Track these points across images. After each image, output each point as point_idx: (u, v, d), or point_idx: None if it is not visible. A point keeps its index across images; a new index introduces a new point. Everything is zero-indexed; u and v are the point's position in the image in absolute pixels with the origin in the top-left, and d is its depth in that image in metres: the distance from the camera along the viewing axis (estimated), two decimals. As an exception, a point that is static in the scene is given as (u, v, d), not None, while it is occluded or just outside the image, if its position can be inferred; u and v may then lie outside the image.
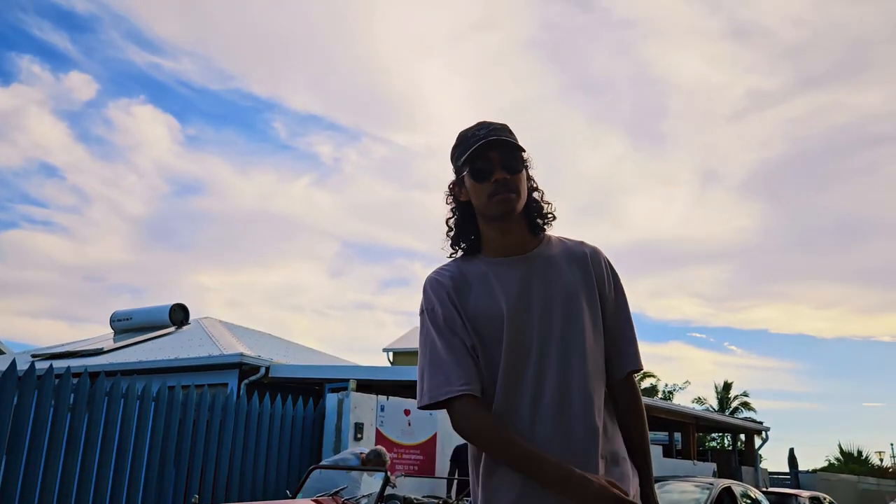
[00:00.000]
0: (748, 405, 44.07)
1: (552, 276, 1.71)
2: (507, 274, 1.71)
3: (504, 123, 1.79)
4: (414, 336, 29.20)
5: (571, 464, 1.51)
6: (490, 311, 1.66)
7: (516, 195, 1.69)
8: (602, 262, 1.80)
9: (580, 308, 1.69)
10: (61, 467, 6.66)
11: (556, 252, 1.77)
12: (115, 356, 13.88)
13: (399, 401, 9.38)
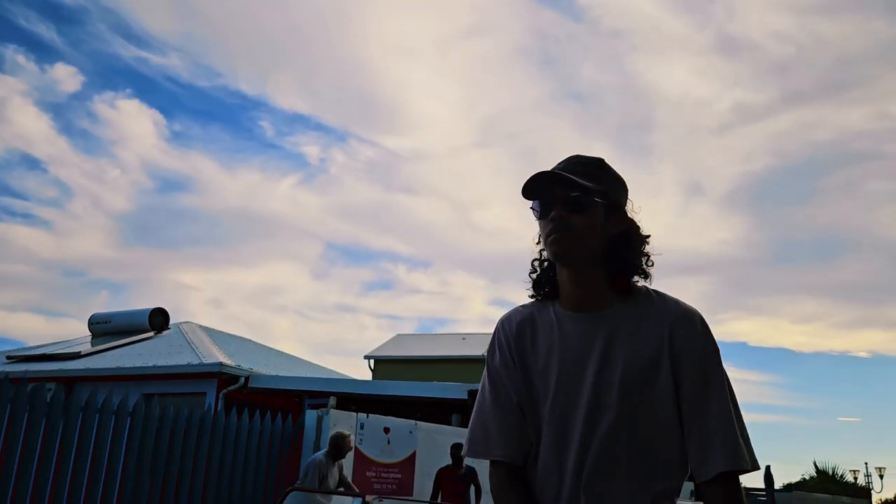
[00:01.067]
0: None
1: (621, 344, 1.49)
2: (571, 331, 1.54)
3: (597, 158, 1.62)
4: (397, 344, 29.15)
5: None
6: (545, 371, 1.54)
7: (569, 236, 1.50)
8: (690, 333, 1.49)
9: (644, 386, 1.46)
10: (32, 481, 6.53)
11: (639, 313, 1.53)
12: (92, 361, 13.70)
13: (379, 418, 9.31)
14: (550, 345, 1.55)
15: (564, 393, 1.51)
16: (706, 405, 1.45)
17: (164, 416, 7.55)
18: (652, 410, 1.46)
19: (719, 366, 1.49)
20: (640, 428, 1.45)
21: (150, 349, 14.16)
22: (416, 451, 9.48)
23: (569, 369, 1.51)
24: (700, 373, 1.47)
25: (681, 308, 1.52)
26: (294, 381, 12.02)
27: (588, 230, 1.52)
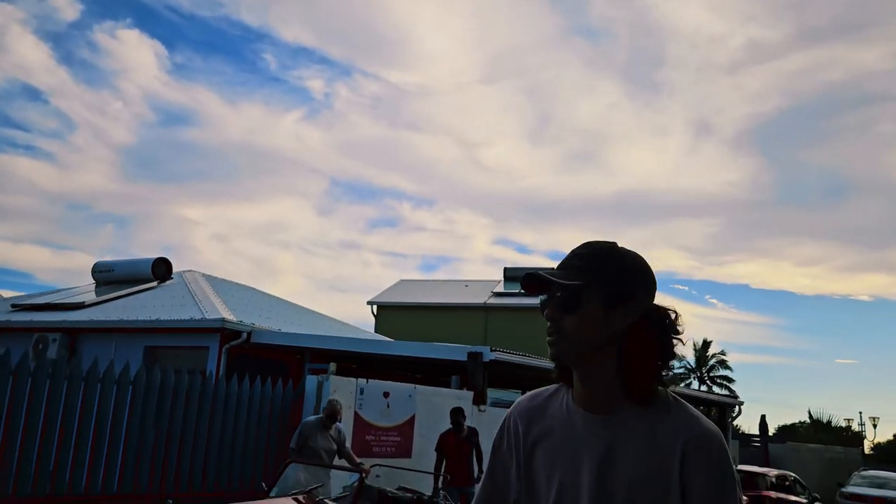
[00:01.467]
0: (725, 363, 45.03)
1: (626, 458, 1.41)
2: (578, 432, 1.47)
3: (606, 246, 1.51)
4: (400, 290, 29.33)
5: None
6: (548, 468, 1.49)
7: (561, 338, 1.44)
8: (706, 462, 1.37)
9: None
10: (37, 446, 6.66)
11: (651, 426, 1.42)
12: (96, 312, 13.81)
13: (378, 383, 9.42)
14: (561, 445, 1.49)
15: (569, 497, 1.45)
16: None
17: (165, 383, 7.63)
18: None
19: (733, 498, 1.37)
20: None
21: (154, 300, 14.26)
22: (414, 414, 9.62)
23: (571, 473, 1.45)
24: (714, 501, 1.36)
25: (699, 429, 1.40)
26: (296, 337, 12.13)
27: (582, 330, 1.43)
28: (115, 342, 12.88)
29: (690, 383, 43.57)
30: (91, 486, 6.98)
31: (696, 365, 44.60)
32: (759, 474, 13.65)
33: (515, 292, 26.82)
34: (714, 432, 1.40)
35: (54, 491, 6.73)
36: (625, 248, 1.54)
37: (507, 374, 12.28)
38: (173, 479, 7.61)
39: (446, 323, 25.75)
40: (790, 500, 13.32)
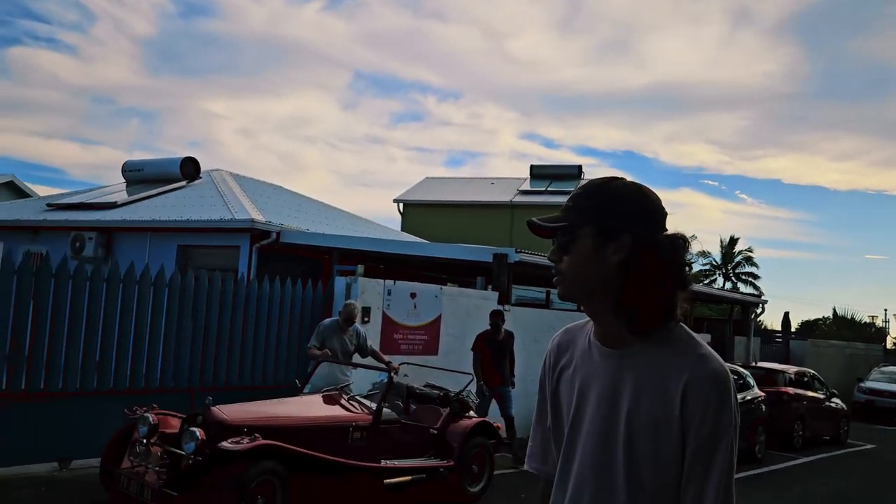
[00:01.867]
0: (751, 260, 44.97)
1: (633, 392, 1.46)
2: (594, 365, 1.54)
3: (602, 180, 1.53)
4: (426, 187, 29.32)
5: None
6: (570, 400, 1.58)
7: (562, 279, 1.52)
8: (706, 400, 1.40)
9: (650, 440, 1.43)
10: (82, 349, 7.00)
11: (658, 360, 1.45)
12: (128, 211, 14.09)
13: (405, 284, 9.62)
14: (578, 374, 1.57)
15: (577, 425, 1.54)
16: (706, 479, 1.40)
17: (199, 285, 7.88)
18: (655, 458, 1.43)
19: (727, 442, 1.40)
20: (640, 472, 1.43)
21: (184, 200, 14.48)
22: (441, 314, 9.86)
23: (583, 403, 1.53)
24: (709, 445, 1.40)
25: (704, 368, 1.42)
26: (324, 238, 12.32)
27: (578, 268, 1.48)
28: (148, 241, 13.21)
29: (715, 280, 43.70)
30: (134, 380, 7.36)
31: (721, 262, 44.59)
32: (778, 371, 13.90)
33: (541, 190, 26.69)
34: (719, 373, 1.42)
35: (100, 385, 7.12)
36: (621, 182, 1.53)
37: (532, 273, 12.42)
38: (211, 375, 7.98)
39: (472, 221, 25.85)
40: (807, 396, 13.61)
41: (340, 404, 6.43)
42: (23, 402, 6.57)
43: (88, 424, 6.90)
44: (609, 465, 1.47)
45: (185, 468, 5.25)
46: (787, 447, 12.52)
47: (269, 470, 5.17)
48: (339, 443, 5.99)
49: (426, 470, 6.58)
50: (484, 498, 7.01)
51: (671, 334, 1.47)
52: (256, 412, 5.84)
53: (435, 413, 7.14)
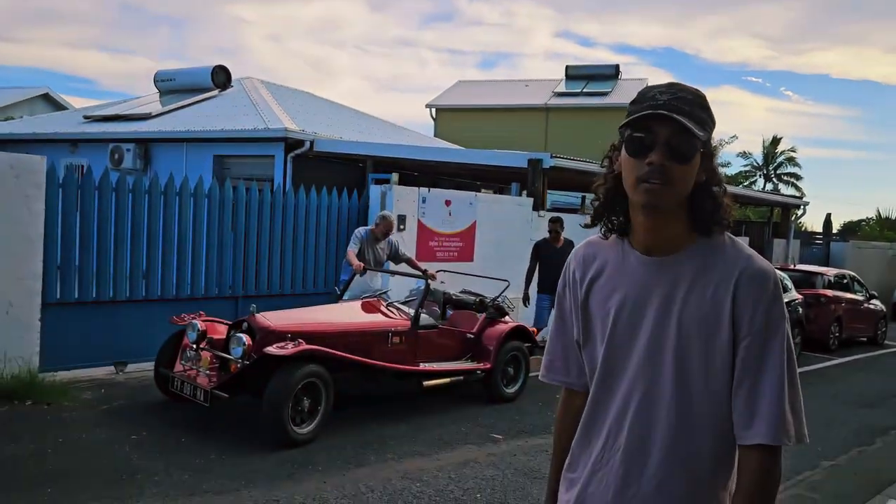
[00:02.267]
0: (794, 160, 43.75)
1: (684, 294, 1.47)
2: (638, 274, 1.53)
3: (698, 93, 1.47)
4: (458, 91, 28.76)
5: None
6: (607, 311, 1.56)
7: (669, 188, 1.43)
8: (756, 295, 1.42)
9: (701, 340, 1.44)
10: (129, 259, 7.23)
11: (706, 264, 1.47)
12: (163, 122, 14.17)
13: (440, 192, 9.63)
14: (615, 285, 1.56)
15: (622, 335, 1.53)
16: (761, 372, 1.41)
17: (237, 196, 8.00)
18: (705, 364, 1.44)
19: (782, 333, 1.42)
20: (690, 379, 1.45)
21: (217, 110, 14.48)
22: (475, 221, 9.90)
23: (630, 312, 1.52)
24: (760, 337, 1.41)
25: (752, 265, 1.45)
26: (358, 146, 12.29)
27: (688, 180, 1.45)
28: (185, 151, 13.33)
29: (755, 182, 42.77)
30: (180, 289, 7.62)
31: (762, 162, 43.46)
32: (817, 273, 13.80)
33: (577, 92, 26.01)
34: (767, 269, 1.45)
35: (148, 293, 7.39)
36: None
37: (566, 178, 12.31)
38: (253, 283, 8.21)
39: (506, 125, 25.44)
40: (846, 298, 13.54)
41: (379, 311, 6.61)
42: (77, 310, 6.87)
43: (140, 330, 7.22)
44: (657, 373, 1.48)
45: (234, 371, 5.50)
46: (823, 349, 12.59)
47: (312, 373, 5.40)
48: (379, 347, 6.19)
49: (463, 372, 6.79)
50: (519, 398, 7.24)
51: (716, 240, 1.50)
52: (299, 319, 6.03)
53: (471, 318, 7.30)
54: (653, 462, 1.48)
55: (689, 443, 1.46)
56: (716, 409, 1.45)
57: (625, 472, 1.50)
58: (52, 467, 4.65)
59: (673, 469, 1.47)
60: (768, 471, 1.41)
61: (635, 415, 1.50)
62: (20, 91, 28.45)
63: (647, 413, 1.49)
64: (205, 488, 4.48)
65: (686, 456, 1.46)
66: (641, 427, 1.49)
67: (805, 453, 6.27)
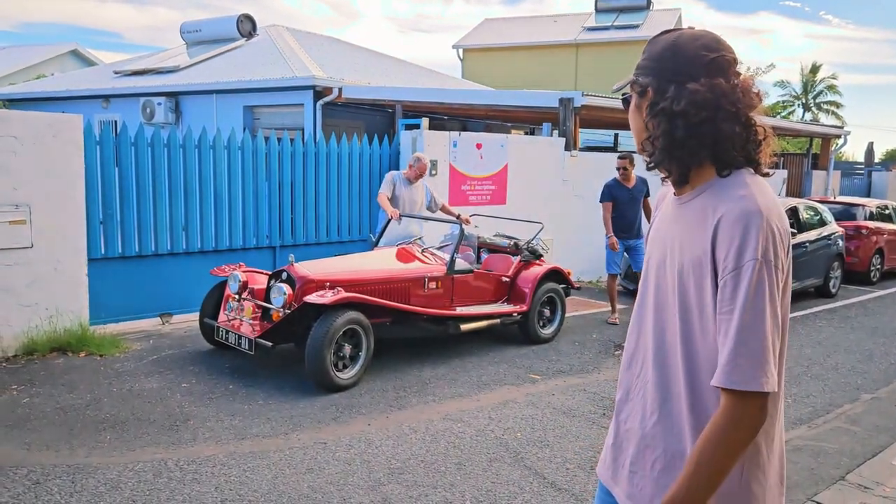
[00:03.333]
0: (834, 88, 42.31)
1: (683, 237, 1.54)
2: (665, 218, 1.67)
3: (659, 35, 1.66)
4: (485, 30, 28.18)
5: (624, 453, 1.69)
6: (646, 249, 1.76)
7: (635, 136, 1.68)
8: (731, 233, 1.41)
9: (693, 283, 1.49)
10: (168, 212, 7.37)
11: (706, 205, 1.50)
12: (192, 74, 14.20)
13: (471, 135, 9.56)
14: (656, 225, 1.72)
15: (647, 274, 1.67)
16: (730, 314, 1.39)
17: (269, 147, 8.04)
18: (700, 305, 1.48)
19: (750, 274, 1.37)
20: (691, 319, 1.50)
21: (244, 59, 14.44)
22: (507, 163, 9.84)
23: (653, 252, 1.66)
24: (732, 279, 1.39)
25: (736, 206, 1.42)
26: (386, 91, 12.20)
27: (633, 124, 1.65)
28: (214, 102, 13.39)
29: (794, 112, 41.55)
30: (218, 240, 7.76)
31: (802, 91, 42.13)
32: (858, 205, 13.49)
33: (608, 25, 25.30)
34: (748, 210, 1.40)
35: (188, 246, 7.54)
36: None
37: (599, 116, 12.10)
38: (290, 232, 8.32)
39: (535, 62, 24.95)
40: (888, 230, 13.25)
41: (415, 257, 6.67)
42: (122, 264, 7.06)
43: (182, 282, 7.41)
44: (669, 314, 1.56)
45: (277, 320, 5.64)
46: (864, 282, 12.41)
47: (352, 320, 5.51)
48: (416, 293, 6.28)
49: (500, 315, 6.87)
50: (556, 339, 7.31)
51: (728, 178, 1.51)
52: (337, 267, 6.13)
53: (506, 261, 7.33)
54: (674, 399, 1.55)
55: (694, 378, 1.50)
56: (711, 347, 1.46)
57: (649, 403, 1.61)
58: (109, 415, 4.87)
59: (692, 405, 1.50)
60: (731, 415, 1.37)
61: (655, 352, 1.60)
62: (50, 48, 28.64)
63: (663, 351, 1.58)
64: (254, 432, 4.66)
65: (693, 390, 1.50)
66: (660, 363, 1.58)
67: (844, 387, 6.26)
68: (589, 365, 6.46)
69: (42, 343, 6.20)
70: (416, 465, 4.25)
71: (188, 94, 13.63)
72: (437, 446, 4.56)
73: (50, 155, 6.35)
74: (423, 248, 6.93)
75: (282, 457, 4.29)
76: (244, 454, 4.32)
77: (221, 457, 4.27)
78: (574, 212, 10.51)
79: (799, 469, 4.42)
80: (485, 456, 4.42)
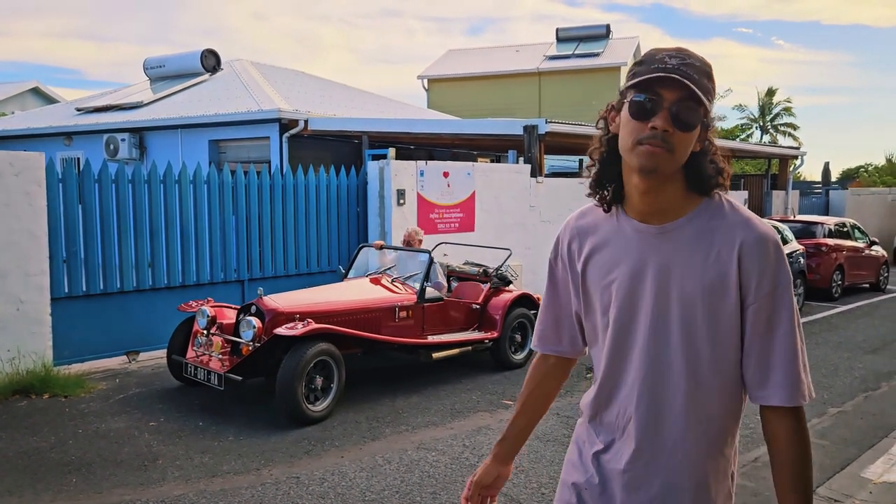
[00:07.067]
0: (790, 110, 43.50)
1: (687, 261, 1.46)
2: (638, 242, 1.51)
3: (706, 62, 1.43)
4: (449, 61, 28.53)
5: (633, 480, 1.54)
6: (608, 280, 1.55)
7: (669, 154, 1.40)
8: (759, 257, 1.42)
9: (708, 306, 1.44)
10: (133, 250, 7.27)
11: (705, 230, 1.46)
12: (156, 109, 14.12)
13: (438, 164, 9.63)
14: (615, 257, 1.54)
15: (626, 308, 1.51)
16: (772, 335, 1.43)
17: (235, 180, 8.01)
18: (712, 331, 1.45)
19: (789, 295, 1.44)
20: (698, 346, 1.46)
21: (209, 94, 14.41)
22: (474, 191, 9.92)
23: (633, 283, 1.50)
24: (769, 302, 1.42)
25: (755, 229, 1.44)
26: (352, 122, 12.26)
27: (689, 147, 1.44)
28: (179, 138, 13.31)
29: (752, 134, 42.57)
30: (186, 276, 7.67)
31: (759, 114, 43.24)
32: (817, 223, 13.82)
33: (569, 54, 25.80)
34: (770, 233, 1.45)
35: (155, 282, 7.44)
36: None
37: (563, 142, 12.29)
38: (258, 266, 8.27)
39: (499, 92, 25.28)
40: (847, 246, 13.59)
41: (385, 286, 6.67)
42: (86, 303, 6.93)
43: (149, 319, 7.30)
44: (665, 342, 1.48)
45: (246, 354, 5.58)
46: (826, 297, 12.68)
47: (323, 351, 5.47)
48: (386, 322, 6.26)
49: (471, 342, 6.87)
50: (527, 364, 7.32)
51: (715, 203, 1.49)
52: (306, 299, 6.10)
53: (476, 289, 7.36)
54: (668, 430, 1.50)
55: (700, 408, 1.48)
56: (725, 372, 1.47)
57: (638, 442, 1.52)
58: (74, 457, 4.75)
59: (688, 434, 1.49)
60: (800, 431, 1.45)
61: (646, 386, 1.50)
62: (10, 86, 28.29)
63: (659, 383, 1.49)
64: (226, 469, 4.58)
65: (699, 420, 1.49)
66: (653, 398, 1.50)
67: (812, 401, 6.36)
68: (561, 389, 6.47)
69: (3, 386, 6.05)
70: (392, 496, 4.21)
71: (152, 130, 13.54)
72: (411, 476, 4.52)
73: (11, 194, 6.26)
74: (392, 277, 6.94)
75: (254, 493, 4.22)
76: (215, 492, 4.24)
77: (192, 495, 4.18)
78: (542, 237, 10.61)
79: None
80: (460, 484, 4.40)
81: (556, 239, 1.70)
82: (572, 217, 1.68)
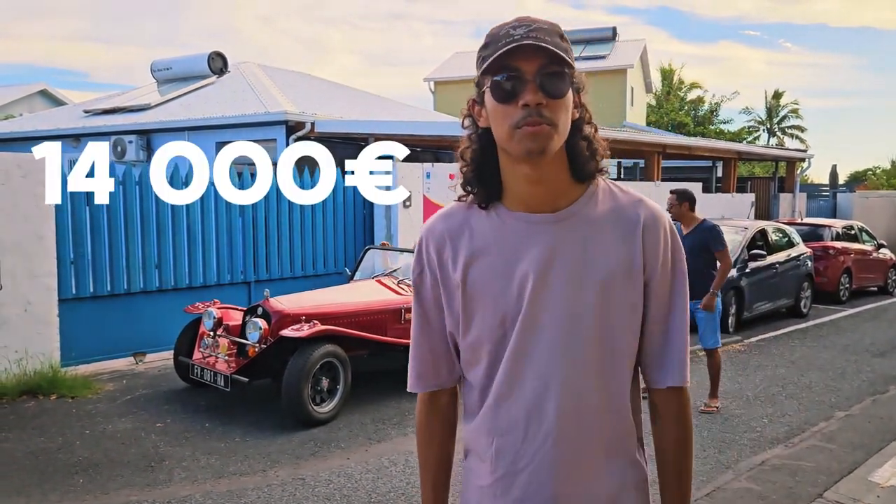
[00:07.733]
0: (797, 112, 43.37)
1: (589, 251, 1.32)
2: (529, 240, 1.33)
3: (553, 23, 1.29)
4: (455, 63, 28.56)
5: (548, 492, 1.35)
6: (494, 292, 1.34)
7: (552, 128, 1.25)
8: (660, 235, 1.36)
9: (617, 293, 1.33)
10: (140, 252, 7.30)
11: (602, 212, 1.34)
12: (164, 111, 14.17)
13: (444, 166, 9.64)
14: (506, 253, 1.34)
15: (527, 309, 1.32)
16: (671, 314, 1.39)
17: (242, 182, 8.04)
18: (626, 317, 1.35)
19: (684, 273, 1.41)
20: (615, 336, 1.34)
21: (216, 96, 14.46)
22: (481, 193, 9.91)
23: (539, 275, 1.32)
24: (670, 279, 1.38)
25: (651, 208, 1.37)
26: (359, 124, 12.28)
27: (566, 119, 1.29)
28: (187, 139, 13.36)
29: (759, 137, 42.46)
30: (193, 277, 7.70)
31: (766, 117, 43.13)
32: (825, 226, 13.77)
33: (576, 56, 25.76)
34: (663, 211, 1.40)
35: (162, 284, 7.47)
36: None
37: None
38: (264, 268, 8.29)
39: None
40: (854, 249, 13.53)
41: (391, 288, 6.67)
42: (93, 304, 6.96)
43: (156, 321, 7.32)
44: (577, 340, 1.32)
45: (253, 355, 5.59)
46: (833, 301, 12.63)
47: (329, 353, 5.48)
48: (392, 324, 6.26)
49: (477, 344, 6.86)
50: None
51: (598, 187, 1.38)
52: (312, 301, 6.11)
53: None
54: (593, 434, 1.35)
55: (618, 399, 1.37)
56: (632, 356, 1.39)
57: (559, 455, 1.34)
58: (81, 458, 4.77)
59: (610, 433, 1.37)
60: (687, 412, 1.43)
61: (562, 394, 1.32)
62: (18, 89, 28.45)
63: (576, 386, 1.33)
64: (232, 470, 4.59)
65: (617, 412, 1.37)
66: (572, 404, 1.33)
67: (819, 405, 6.34)
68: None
69: (11, 386, 6.07)
70: (397, 498, 4.21)
71: (160, 132, 13.59)
72: (417, 479, 4.52)
73: (19, 195, 6.29)
74: (398, 279, 6.94)
75: (260, 494, 4.23)
76: (221, 493, 4.25)
77: (198, 496, 4.19)
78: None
79: (777, 488, 4.45)
80: (466, 486, 4.39)
81: (417, 250, 1.43)
82: (434, 221, 1.44)
